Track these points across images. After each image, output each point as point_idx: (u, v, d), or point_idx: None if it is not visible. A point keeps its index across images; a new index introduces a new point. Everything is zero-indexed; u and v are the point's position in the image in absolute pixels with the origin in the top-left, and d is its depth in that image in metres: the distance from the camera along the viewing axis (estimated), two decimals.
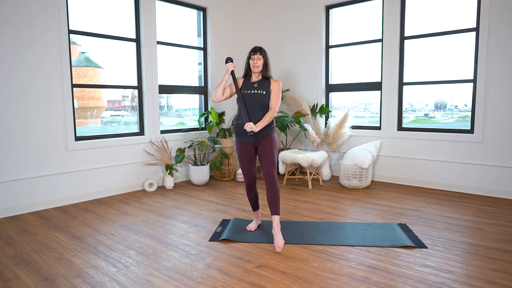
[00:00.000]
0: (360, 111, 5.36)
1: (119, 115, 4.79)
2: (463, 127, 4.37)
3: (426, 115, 4.79)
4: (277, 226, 2.81)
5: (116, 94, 4.77)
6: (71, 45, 4.07)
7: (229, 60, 2.95)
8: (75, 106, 4.28)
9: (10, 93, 3.59)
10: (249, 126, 2.76)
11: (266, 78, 2.94)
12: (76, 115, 4.28)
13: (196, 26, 5.43)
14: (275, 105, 2.89)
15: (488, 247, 2.71)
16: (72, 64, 4.16)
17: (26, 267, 2.48)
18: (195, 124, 5.47)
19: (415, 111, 4.88)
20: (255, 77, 2.95)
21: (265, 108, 2.88)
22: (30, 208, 3.75)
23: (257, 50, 2.89)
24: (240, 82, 2.96)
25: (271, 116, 2.86)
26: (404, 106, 4.85)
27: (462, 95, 4.42)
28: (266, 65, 2.91)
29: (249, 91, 2.89)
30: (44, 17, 3.75)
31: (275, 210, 2.83)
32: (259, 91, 2.88)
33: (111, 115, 4.73)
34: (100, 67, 4.53)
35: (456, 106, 4.56)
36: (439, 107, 4.70)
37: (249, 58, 2.93)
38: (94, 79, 4.50)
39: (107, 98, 4.68)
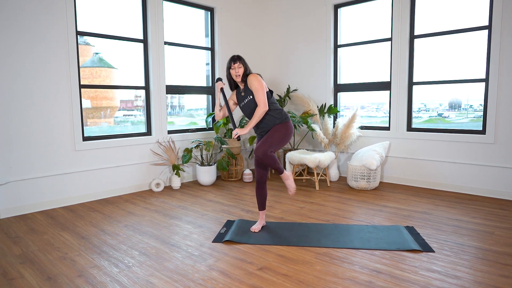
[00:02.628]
0: (373, 111, 5.28)
1: (131, 115, 4.84)
2: (478, 127, 4.25)
3: (440, 114, 4.69)
4: (289, 177, 2.95)
5: (129, 94, 4.82)
6: (85, 46, 4.13)
7: (218, 79, 3.07)
8: (89, 106, 4.36)
9: (18, 94, 3.64)
10: (235, 132, 2.90)
11: (245, 80, 2.95)
12: (89, 115, 4.35)
13: (204, 26, 5.44)
14: (260, 100, 2.82)
15: (498, 252, 2.63)
16: (86, 65, 4.22)
17: (31, 266, 2.51)
18: (204, 124, 5.47)
19: (428, 110, 4.78)
20: (242, 86, 2.99)
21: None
22: (38, 207, 3.80)
23: (235, 58, 2.91)
24: (234, 96, 3.05)
25: (260, 113, 2.83)
26: (418, 105, 4.76)
27: (477, 95, 4.30)
28: (245, 70, 2.92)
29: (242, 102, 2.99)
30: (51, 18, 3.79)
31: (279, 171, 2.91)
32: (247, 99, 2.94)
33: (124, 115, 4.78)
34: (113, 68, 4.58)
35: (471, 105, 4.44)
36: (453, 106, 4.59)
37: (229, 68, 2.94)
38: (107, 79, 4.56)
39: (120, 98, 4.74)
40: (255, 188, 3.12)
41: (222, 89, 3.02)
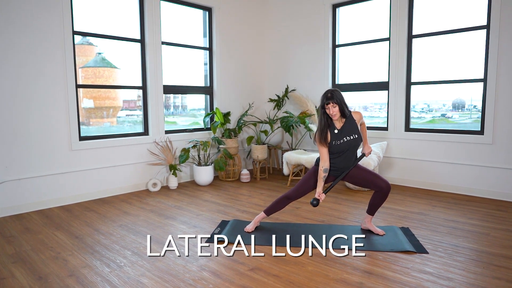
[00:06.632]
0: (375, 111, 5.23)
1: (134, 115, 4.85)
2: (479, 128, 4.19)
3: (443, 115, 4.66)
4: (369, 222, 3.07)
5: (132, 94, 4.83)
6: (88, 46, 4.15)
7: (315, 204, 2.77)
8: (92, 106, 4.38)
9: (15, 93, 3.65)
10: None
11: (346, 116, 2.80)
12: (92, 115, 4.37)
13: (202, 26, 5.43)
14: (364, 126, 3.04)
15: (493, 253, 2.60)
16: (89, 65, 4.23)
17: (23, 265, 2.51)
18: (202, 124, 5.47)
19: (431, 111, 4.74)
20: (338, 123, 2.81)
21: (357, 150, 2.87)
22: (34, 207, 3.81)
23: (329, 98, 2.70)
24: (328, 135, 2.79)
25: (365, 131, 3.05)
26: (421, 106, 4.72)
27: (480, 95, 4.22)
28: (341, 107, 2.73)
29: (339, 141, 2.78)
30: (48, 18, 3.80)
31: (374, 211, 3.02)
32: (350, 137, 2.79)
33: (126, 115, 4.80)
34: (115, 68, 4.60)
35: (475, 106, 4.38)
36: (457, 107, 4.54)
37: (322, 106, 2.74)
38: (110, 79, 4.58)
39: (122, 98, 4.76)
40: (282, 198, 3.01)
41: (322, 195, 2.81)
